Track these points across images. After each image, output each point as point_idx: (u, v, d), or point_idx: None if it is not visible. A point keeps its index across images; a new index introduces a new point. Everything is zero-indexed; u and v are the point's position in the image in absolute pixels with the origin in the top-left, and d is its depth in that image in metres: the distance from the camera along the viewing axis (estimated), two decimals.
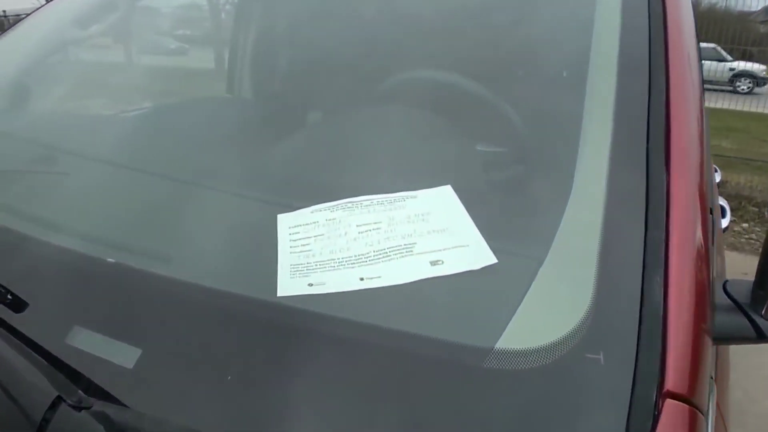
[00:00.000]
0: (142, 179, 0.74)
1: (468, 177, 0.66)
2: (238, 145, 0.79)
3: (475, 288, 0.48)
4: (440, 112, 0.79)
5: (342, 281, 0.49)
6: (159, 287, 0.49)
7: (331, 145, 0.78)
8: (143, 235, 0.61)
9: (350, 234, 0.55)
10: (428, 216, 0.56)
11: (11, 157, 0.88)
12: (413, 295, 0.47)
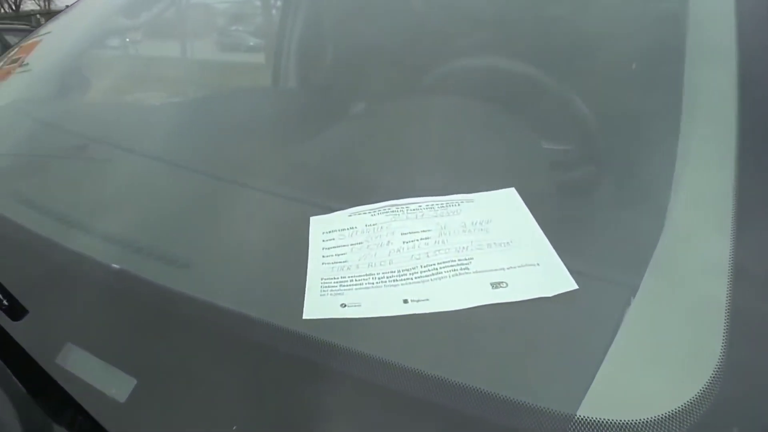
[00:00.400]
0: (178, 172, 0.68)
1: (535, 179, 0.56)
2: (274, 138, 0.72)
3: (549, 323, 0.38)
4: (501, 105, 0.68)
5: (381, 302, 0.40)
6: (163, 305, 0.42)
7: (376, 139, 0.69)
8: (165, 240, 0.55)
9: (393, 243, 0.46)
10: (488, 225, 0.46)
11: (52, 146, 0.85)
12: (469, 327, 0.38)
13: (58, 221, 0.58)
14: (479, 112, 0.68)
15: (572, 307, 0.38)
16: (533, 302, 0.38)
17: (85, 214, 0.60)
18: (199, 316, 0.40)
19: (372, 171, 0.58)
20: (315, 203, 0.53)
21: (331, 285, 0.43)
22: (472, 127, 0.64)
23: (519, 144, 0.62)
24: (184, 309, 0.41)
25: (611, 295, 0.40)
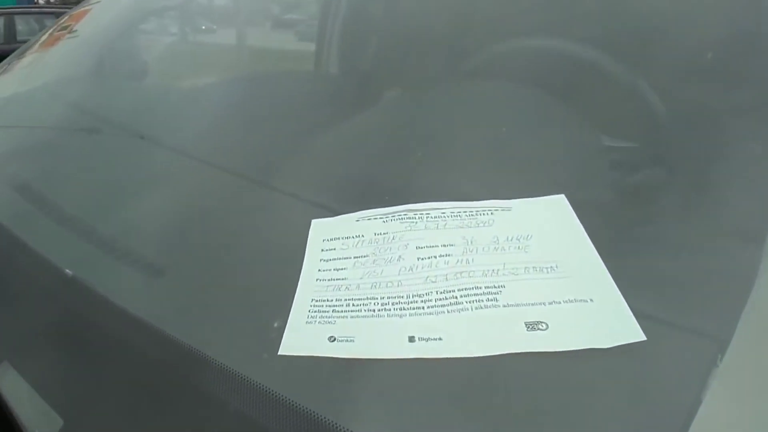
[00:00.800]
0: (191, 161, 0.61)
1: (591, 183, 0.45)
2: (290, 128, 0.64)
3: (603, 386, 0.28)
4: (554, 92, 0.57)
5: (381, 338, 0.31)
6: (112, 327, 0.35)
7: (403, 131, 0.60)
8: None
9: (405, 260, 0.37)
10: (528, 242, 0.36)
11: (79, 123, 0.81)
12: (493, 383, 0.28)
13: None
14: (527, 101, 0.57)
15: (636, 365, 0.28)
16: (581, 354, 0.28)
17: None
18: (150, 348, 0.33)
19: (393, 167, 0.48)
20: (320, 203, 0.44)
21: (322, 309, 0.34)
22: (517, 118, 0.53)
23: (573, 139, 0.51)
24: (137, 338, 0.33)
25: (691, 350, 0.29)
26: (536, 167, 0.44)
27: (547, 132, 0.50)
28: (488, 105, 0.53)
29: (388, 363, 0.30)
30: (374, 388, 0.29)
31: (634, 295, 0.31)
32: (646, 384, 0.27)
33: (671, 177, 0.46)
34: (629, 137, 0.50)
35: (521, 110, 0.51)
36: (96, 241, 0.45)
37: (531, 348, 0.29)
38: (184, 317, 0.35)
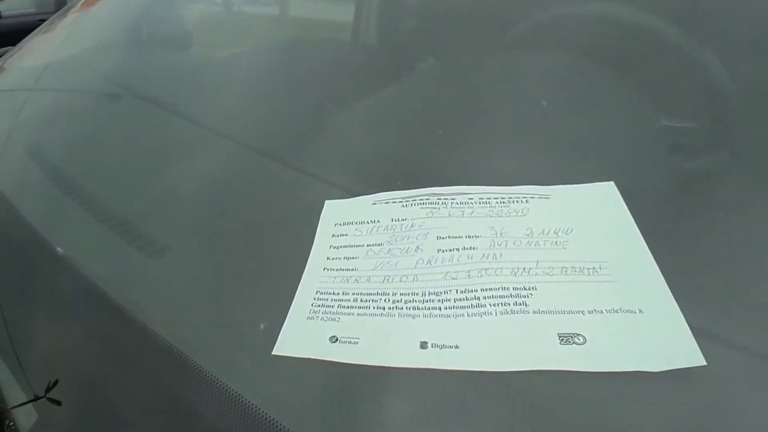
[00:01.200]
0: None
1: (646, 169, 0.39)
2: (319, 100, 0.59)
3: (650, 425, 0.23)
4: (607, 65, 0.50)
5: (389, 341, 0.28)
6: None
7: (435, 104, 0.54)
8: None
9: (424, 251, 0.32)
10: (568, 236, 0.31)
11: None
12: (517, 404, 0.24)
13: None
14: (574, 74, 0.51)
15: (693, 396, 0.23)
16: (625, 378, 0.24)
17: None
18: (134, 341, 0.30)
19: (420, 146, 0.44)
20: (338, 182, 0.40)
21: (326, 303, 0.31)
22: (562, 93, 0.47)
23: (626, 118, 0.45)
24: (119, 331, 0.30)
25: (760, 380, 0.24)
26: (582, 149, 0.38)
27: (596, 109, 0.44)
28: (530, 78, 0.47)
29: (395, 373, 0.26)
30: (375, 404, 0.25)
31: (694, 308, 0.26)
32: (703, 420, 0.22)
33: (741, 166, 0.40)
34: (692, 117, 0.43)
35: (567, 84, 0.44)
36: (100, 212, 0.43)
37: (563, 366, 0.25)
38: (172, 308, 0.33)
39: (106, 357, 0.32)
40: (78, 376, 0.29)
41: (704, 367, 0.23)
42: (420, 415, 0.24)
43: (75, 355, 0.32)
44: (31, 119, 0.72)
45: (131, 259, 0.38)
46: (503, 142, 0.39)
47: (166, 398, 0.28)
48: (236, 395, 0.26)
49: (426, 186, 0.37)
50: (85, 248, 0.41)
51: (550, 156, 0.38)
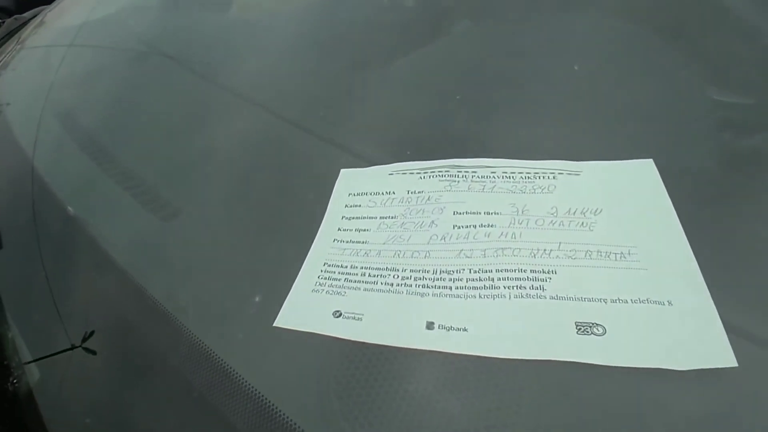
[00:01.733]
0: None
1: (690, 146, 0.36)
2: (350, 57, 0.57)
3: (673, 417, 0.21)
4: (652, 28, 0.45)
5: (394, 319, 0.26)
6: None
7: (460, 69, 0.51)
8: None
9: (439, 226, 0.31)
10: (597, 217, 0.29)
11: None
12: (526, 396, 0.22)
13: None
14: (620, 37, 0.46)
15: (721, 400, 0.21)
16: (647, 375, 0.22)
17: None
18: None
19: (444, 113, 0.41)
20: (355, 149, 0.39)
21: (334, 276, 0.29)
22: (603, 58, 0.43)
23: (674, 89, 0.40)
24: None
25: None
26: (620, 121, 0.35)
27: (640, 78, 0.40)
28: (569, 43, 0.43)
29: (398, 354, 0.25)
30: (375, 386, 0.24)
31: (731, 304, 0.23)
32: (728, 428, 0.20)
33: None
34: (747, 92, 0.38)
35: (609, 49, 0.41)
36: (120, 172, 0.43)
37: (578, 357, 0.23)
38: (175, 272, 0.32)
39: (109, 319, 0.32)
40: (78, 336, 0.29)
41: (735, 368, 0.21)
42: (420, 399, 0.23)
43: (80, 314, 0.33)
44: (67, 76, 0.72)
45: (143, 220, 0.38)
46: (533, 112, 0.36)
47: (159, 364, 0.28)
48: (227, 367, 0.26)
49: (447, 157, 0.35)
50: (101, 207, 0.41)
51: (583, 128, 0.35)
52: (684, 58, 0.39)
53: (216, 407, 0.25)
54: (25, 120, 0.64)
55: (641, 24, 0.43)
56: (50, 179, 0.49)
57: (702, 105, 0.38)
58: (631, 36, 0.41)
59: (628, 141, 0.33)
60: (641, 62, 0.39)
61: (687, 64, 0.39)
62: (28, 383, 0.29)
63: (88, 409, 0.27)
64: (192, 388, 0.26)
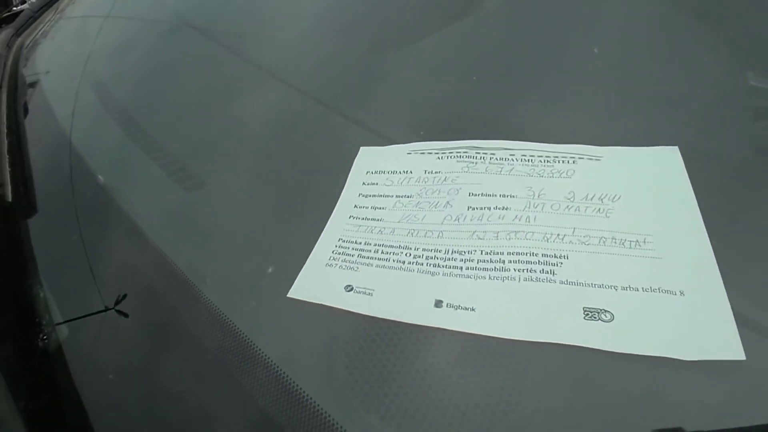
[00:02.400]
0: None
1: (720, 135, 0.34)
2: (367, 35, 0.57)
3: (674, 419, 0.21)
4: (689, 8, 0.43)
5: (404, 296, 0.27)
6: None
7: (485, 48, 0.50)
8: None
9: (454, 206, 0.31)
10: (614, 204, 0.28)
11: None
12: (530, 378, 0.23)
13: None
14: (651, 18, 0.44)
15: (724, 391, 0.21)
16: (652, 364, 0.22)
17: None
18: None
19: (468, 93, 0.41)
20: (376, 127, 0.39)
21: (347, 252, 0.30)
22: (631, 40, 0.42)
23: (706, 74, 0.39)
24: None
25: None
26: (646, 106, 0.34)
27: (670, 61, 0.38)
28: (597, 24, 0.42)
29: (407, 330, 0.25)
30: (382, 362, 0.24)
31: (746, 297, 0.23)
32: (731, 421, 0.20)
33: None
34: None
35: (638, 31, 0.39)
36: (149, 142, 0.45)
37: (585, 342, 0.23)
38: (194, 241, 0.34)
39: (135, 284, 0.33)
40: (106, 297, 0.31)
41: (742, 362, 0.21)
42: (424, 375, 0.24)
43: (109, 278, 0.35)
44: (103, 47, 0.74)
45: (169, 190, 0.39)
46: (555, 95, 0.36)
47: (179, 328, 0.30)
48: (241, 333, 0.27)
49: (467, 138, 0.35)
50: (131, 175, 0.42)
51: (607, 112, 0.34)
52: (718, 39, 0.37)
53: (229, 369, 0.26)
54: (62, 88, 0.66)
55: (677, 5, 0.41)
56: (85, 147, 0.51)
57: (736, 91, 0.36)
58: (661, 15, 0.40)
59: (654, 127, 0.32)
60: (671, 43, 0.37)
61: (721, 45, 0.37)
62: (57, 340, 0.31)
63: (111, 367, 0.29)
64: (208, 351, 0.27)
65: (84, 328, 0.31)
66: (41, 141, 0.56)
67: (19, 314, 0.34)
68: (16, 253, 0.39)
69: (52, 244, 0.40)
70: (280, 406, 0.24)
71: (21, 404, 0.29)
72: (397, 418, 0.22)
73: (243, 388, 0.25)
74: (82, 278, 0.37)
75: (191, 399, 0.27)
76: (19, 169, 0.47)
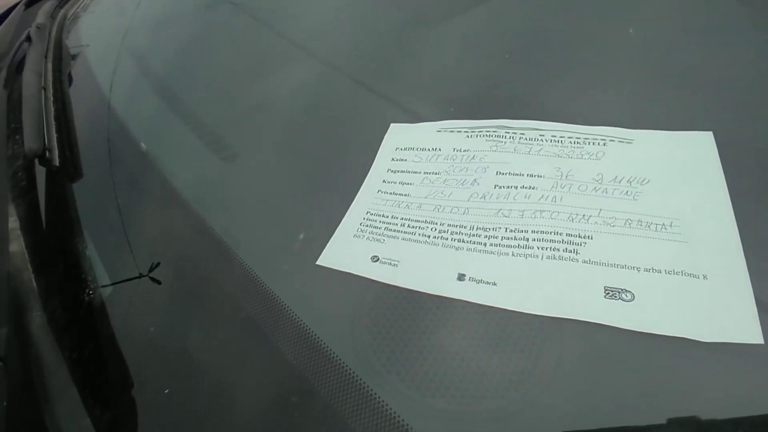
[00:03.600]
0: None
1: (758, 124, 0.34)
2: None
3: (689, 399, 0.21)
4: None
5: (427, 268, 0.28)
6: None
7: (518, 28, 0.49)
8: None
9: (481, 184, 0.31)
10: (643, 187, 0.29)
11: None
12: (546, 351, 0.23)
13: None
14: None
15: (739, 374, 0.21)
16: (671, 344, 0.22)
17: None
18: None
19: (500, 73, 0.40)
20: (407, 105, 0.39)
21: (374, 224, 0.31)
22: (670, 20, 0.41)
23: (744, 57, 0.37)
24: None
25: None
26: (683, 90, 0.34)
27: (710, 43, 0.37)
28: (631, 1, 0.41)
29: (429, 300, 0.26)
30: (403, 328, 0.25)
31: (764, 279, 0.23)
32: (747, 403, 0.21)
33: None
34: None
35: (677, 11, 0.38)
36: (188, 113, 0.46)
37: (603, 320, 0.24)
38: (231, 208, 0.35)
39: (173, 246, 0.35)
40: (137, 264, 0.33)
41: (761, 346, 0.21)
42: (443, 343, 0.25)
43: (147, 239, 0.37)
44: (142, 20, 0.76)
45: (205, 159, 0.41)
46: (590, 75, 0.35)
47: (212, 289, 0.32)
48: (273, 295, 0.28)
49: (497, 117, 0.35)
50: (169, 144, 0.44)
51: (642, 95, 0.34)
52: (760, 22, 0.36)
53: (261, 328, 0.27)
54: (103, 61, 0.68)
55: None
56: (124, 116, 0.53)
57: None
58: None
59: (689, 111, 0.32)
60: (711, 26, 0.36)
61: (763, 28, 0.36)
62: (101, 295, 0.34)
63: (151, 321, 0.31)
64: (241, 310, 0.29)
65: (125, 285, 0.34)
66: (84, 109, 0.58)
67: (67, 270, 0.37)
68: (64, 213, 0.42)
69: (94, 207, 0.42)
70: (307, 363, 0.25)
71: (66, 353, 0.31)
72: (416, 380, 0.23)
73: (272, 343, 0.26)
74: (121, 240, 0.39)
75: (224, 353, 0.28)
76: (65, 135, 0.49)
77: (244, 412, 0.25)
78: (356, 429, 0.22)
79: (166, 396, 0.26)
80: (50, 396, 0.28)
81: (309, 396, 0.24)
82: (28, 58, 0.61)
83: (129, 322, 0.32)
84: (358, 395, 0.23)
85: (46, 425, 0.27)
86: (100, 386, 0.29)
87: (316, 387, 0.24)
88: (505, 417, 0.22)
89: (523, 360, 0.23)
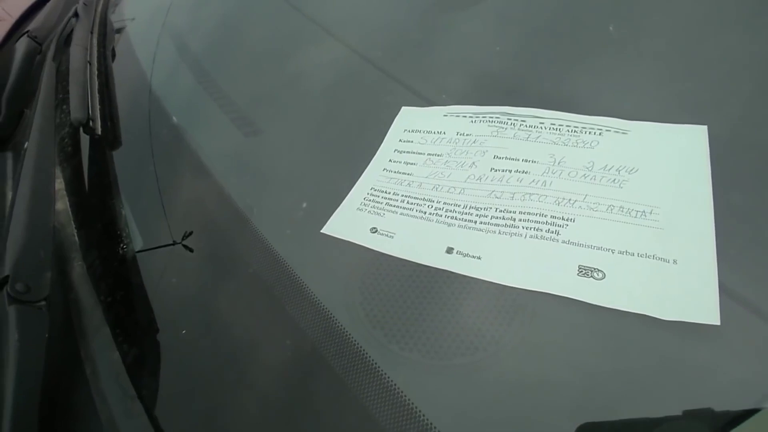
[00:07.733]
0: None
1: (755, 120, 0.34)
2: None
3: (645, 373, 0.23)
4: None
5: (419, 241, 0.30)
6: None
7: (527, 19, 0.50)
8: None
9: (478, 167, 0.33)
10: (630, 176, 0.30)
11: None
12: (523, 320, 0.26)
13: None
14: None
15: (693, 352, 0.23)
16: (633, 320, 0.24)
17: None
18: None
19: (506, 61, 0.42)
20: (419, 89, 0.41)
21: (376, 199, 0.34)
22: (672, 14, 0.41)
23: (748, 50, 0.37)
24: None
25: None
26: (681, 83, 0.34)
27: (711, 38, 0.37)
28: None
29: (419, 269, 0.29)
30: (393, 292, 0.28)
31: (737, 271, 0.24)
32: (698, 379, 0.23)
33: None
34: None
35: (680, 4, 0.39)
36: (216, 90, 0.50)
37: (575, 295, 0.26)
38: (247, 179, 0.39)
39: (197, 215, 0.39)
40: (171, 229, 0.37)
41: (716, 327, 0.23)
42: (428, 307, 0.27)
43: (179, 206, 0.41)
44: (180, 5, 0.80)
45: (230, 134, 0.44)
46: (593, 66, 0.36)
47: (229, 250, 0.35)
48: (280, 258, 0.32)
49: (503, 104, 0.37)
50: (201, 119, 0.48)
51: (642, 87, 0.35)
52: (763, 17, 0.36)
53: (268, 285, 0.31)
54: (144, 37, 0.73)
55: None
56: (163, 91, 0.57)
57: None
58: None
59: (686, 104, 0.33)
60: (713, 20, 0.37)
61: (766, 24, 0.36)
62: (133, 249, 0.38)
63: (177, 273, 0.35)
64: (251, 267, 0.32)
65: (153, 243, 0.38)
66: (126, 83, 0.63)
67: (105, 227, 0.41)
68: (104, 177, 0.46)
69: (131, 173, 0.47)
70: (310, 322, 0.28)
71: (101, 298, 0.36)
72: (397, 336, 0.26)
73: (278, 302, 0.30)
74: (154, 202, 0.43)
75: (238, 309, 0.32)
76: (107, 107, 0.54)
77: (245, 348, 0.29)
78: (337, 369, 0.26)
79: (183, 336, 0.30)
80: (86, 333, 0.33)
81: (301, 340, 0.28)
82: (75, 33, 0.66)
83: (154, 273, 0.36)
84: (345, 346, 0.26)
85: (81, 357, 0.31)
86: (129, 327, 0.33)
87: (308, 333, 0.27)
88: (473, 372, 0.24)
89: (496, 326, 0.26)
